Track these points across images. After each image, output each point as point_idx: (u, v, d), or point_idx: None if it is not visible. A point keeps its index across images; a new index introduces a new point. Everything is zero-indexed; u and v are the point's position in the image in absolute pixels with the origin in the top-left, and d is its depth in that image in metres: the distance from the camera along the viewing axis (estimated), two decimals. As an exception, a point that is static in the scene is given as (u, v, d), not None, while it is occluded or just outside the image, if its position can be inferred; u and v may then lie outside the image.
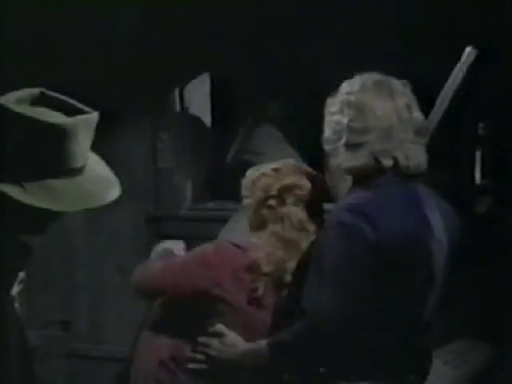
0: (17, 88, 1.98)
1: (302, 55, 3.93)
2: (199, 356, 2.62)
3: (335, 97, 2.55)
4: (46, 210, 1.86)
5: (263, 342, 2.50)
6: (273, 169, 2.76)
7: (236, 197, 3.34)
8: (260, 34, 3.95)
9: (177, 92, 4.28)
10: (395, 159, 2.44)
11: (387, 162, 2.44)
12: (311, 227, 2.68)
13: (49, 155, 1.83)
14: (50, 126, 1.83)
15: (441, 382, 3.38)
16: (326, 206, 2.74)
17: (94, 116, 1.95)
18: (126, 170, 4.25)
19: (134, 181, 4.22)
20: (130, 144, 4.26)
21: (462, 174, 3.82)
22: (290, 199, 2.70)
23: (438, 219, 2.55)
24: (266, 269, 2.62)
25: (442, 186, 3.86)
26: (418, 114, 2.53)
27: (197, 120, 4.39)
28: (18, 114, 1.79)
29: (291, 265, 2.64)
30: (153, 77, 4.12)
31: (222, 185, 4.23)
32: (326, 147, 2.55)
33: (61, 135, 1.84)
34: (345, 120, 2.46)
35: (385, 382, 2.48)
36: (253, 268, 2.61)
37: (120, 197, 4.26)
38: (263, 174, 2.76)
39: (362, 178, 2.48)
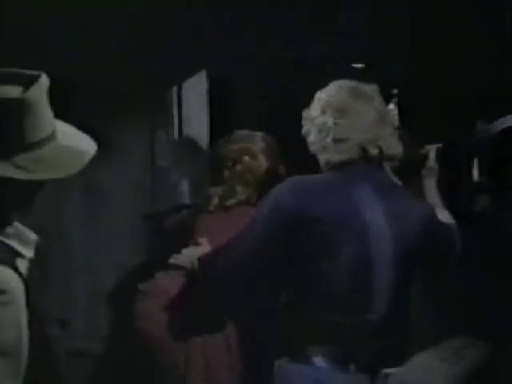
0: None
1: (300, 54, 3.94)
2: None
3: (312, 106, 2.72)
4: (35, 181, 1.89)
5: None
6: None
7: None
8: (258, 33, 3.97)
9: (174, 90, 4.29)
10: (380, 148, 2.64)
11: (373, 151, 2.63)
12: None
13: (20, 129, 1.83)
14: (12, 101, 1.82)
15: (437, 379, 3.39)
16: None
17: (44, 78, 1.91)
18: (124, 168, 4.27)
19: (132, 179, 4.23)
20: (128, 142, 4.27)
21: (460, 172, 3.83)
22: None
23: (385, 208, 2.67)
24: None
25: (440, 183, 3.90)
26: (393, 111, 2.90)
27: (194, 118, 4.39)
28: None
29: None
30: (150, 75, 4.13)
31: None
32: (313, 148, 2.72)
33: (25, 108, 1.83)
34: (330, 119, 2.64)
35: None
36: None
37: (117, 194, 4.30)
38: None
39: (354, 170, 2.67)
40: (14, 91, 1.84)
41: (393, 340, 2.66)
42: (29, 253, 2.02)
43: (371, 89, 2.72)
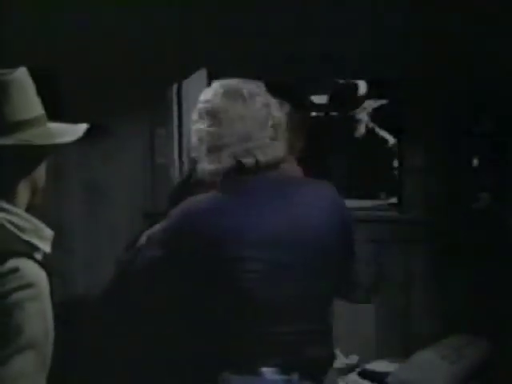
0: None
1: (300, 52, 3.94)
2: None
3: (196, 106, 2.66)
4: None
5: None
6: None
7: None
8: (258, 31, 3.96)
9: (174, 88, 4.29)
10: (255, 157, 2.53)
11: (248, 161, 2.53)
12: None
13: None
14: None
15: (438, 376, 3.39)
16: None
17: (23, 68, 2.09)
18: (124, 165, 4.27)
19: (132, 177, 4.22)
20: (128, 140, 4.26)
21: (461, 171, 3.83)
22: None
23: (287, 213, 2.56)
24: None
25: (441, 182, 3.90)
26: (276, 112, 2.61)
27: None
28: None
29: None
30: (151, 73, 4.12)
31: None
32: (193, 154, 2.64)
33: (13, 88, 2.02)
34: (203, 127, 2.56)
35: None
36: None
37: (117, 193, 4.29)
38: None
39: (231, 179, 2.56)
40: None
41: (329, 346, 2.63)
42: (47, 248, 2.08)
43: (254, 87, 2.60)
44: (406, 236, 3.90)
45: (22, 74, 2.05)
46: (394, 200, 4.20)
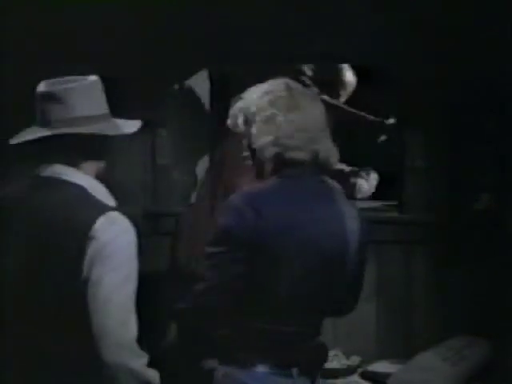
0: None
1: (301, 53, 3.93)
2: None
3: (252, 96, 2.65)
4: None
5: None
6: None
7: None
8: (259, 32, 3.96)
9: (176, 88, 4.28)
10: (316, 152, 2.56)
11: (299, 155, 2.55)
12: None
13: None
14: None
15: (440, 378, 3.39)
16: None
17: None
18: (125, 166, 4.26)
19: (132, 177, 4.21)
20: (129, 140, 4.25)
21: (462, 171, 3.83)
22: None
23: (345, 208, 2.63)
24: None
25: (441, 182, 3.90)
26: (328, 117, 2.65)
27: (195, 117, 4.38)
28: None
29: None
30: (152, 73, 4.12)
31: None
32: (258, 142, 2.61)
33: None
34: (280, 114, 2.55)
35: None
36: None
37: (118, 193, 4.28)
38: None
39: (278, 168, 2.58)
40: None
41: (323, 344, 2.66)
42: (113, 204, 2.60)
43: (309, 92, 2.73)
44: (407, 236, 3.89)
45: (95, 79, 2.66)
46: (394, 201, 4.20)
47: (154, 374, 2.46)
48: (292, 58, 3.95)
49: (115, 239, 2.43)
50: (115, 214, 2.49)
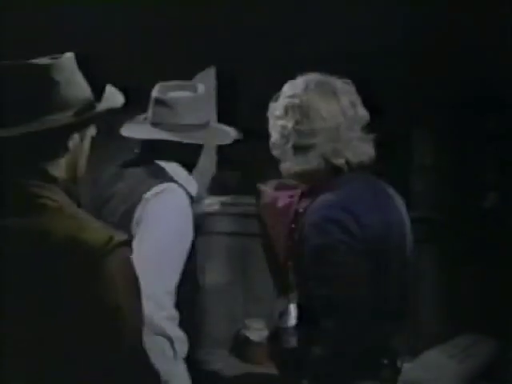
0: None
1: (307, 51, 3.94)
2: None
3: (278, 101, 2.49)
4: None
5: None
6: None
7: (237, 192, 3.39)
8: (266, 30, 3.96)
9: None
10: (346, 158, 2.43)
11: (338, 162, 2.43)
12: None
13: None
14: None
15: (446, 376, 3.40)
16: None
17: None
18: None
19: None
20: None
21: (470, 170, 3.83)
22: None
23: (399, 207, 2.56)
24: None
25: (449, 181, 3.90)
26: (362, 111, 2.49)
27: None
28: None
29: None
30: (159, 70, 4.12)
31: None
32: (274, 152, 2.50)
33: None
34: (290, 124, 2.43)
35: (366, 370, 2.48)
36: None
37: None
38: None
39: (320, 179, 2.46)
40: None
41: None
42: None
43: (342, 85, 2.48)
44: (415, 235, 3.89)
45: (203, 91, 2.84)
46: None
47: (177, 333, 2.61)
48: (300, 56, 3.96)
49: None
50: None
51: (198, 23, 3.99)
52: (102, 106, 2.22)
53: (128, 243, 2.09)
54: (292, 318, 2.66)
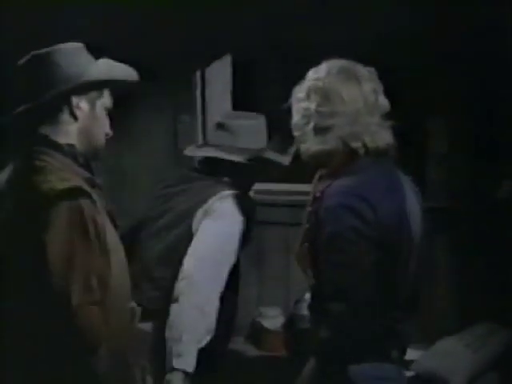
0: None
1: (325, 39, 3.92)
2: None
3: (302, 84, 2.57)
4: None
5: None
6: None
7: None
8: (282, 17, 3.95)
9: (198, 74, 4.29)
10: (363, 142, 2.48)
11: (356, 145, 2.48)
12: None
13: None
14: None
15: (462, 364, 3.39)
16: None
17: None
18: (147, 151, 4.28)
19: (155, 163, 4.23)
20: (152, 127, 4.27)
21: (485, 159, 3.81)
22: None
23: (414, 195, 2.58)
24: None
25: (465, 170, 3.89)
26: (383, 99, 2.56)
27: (217, 102, 4.39)
28: None
29: None
30: (175, 59, 4.13)
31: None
32: (296, 133, 2.59)
33: None
34: (312, 105, 2.50)
35: (375, 359, 2.49)
36: None
37: (141, 180, 4.29)
38: None
39: (337, 163, 2.52)
40: None
41: None
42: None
43: (365, 72, 2.55)
44: (430, 224, 3.88)
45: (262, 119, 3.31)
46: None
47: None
48: (315, 43, 3.94)
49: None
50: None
51: (214, 11, 3.98)
52: (93, 73, 2.38)
53: (86, 194, 2.24)
54: (307, 305, 2.70)
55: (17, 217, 2.24)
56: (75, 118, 2.38)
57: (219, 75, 4.37)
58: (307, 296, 2.69)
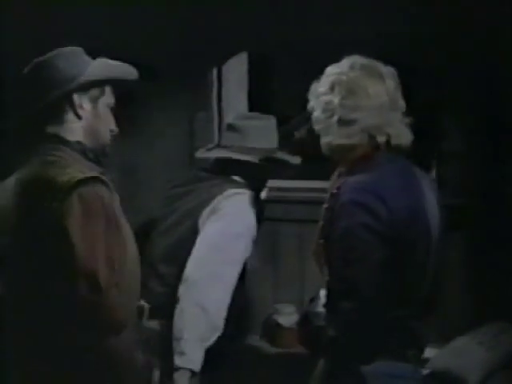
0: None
1: (340, 33, 3.92)
2: None
3: (321, 80, 2.58)
4: None
5: None
6: None
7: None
8: (298, 13, 3.95)
9: (214, 71, 4.29)
10: (388, 135, 2.49)
11: (381, 139, 2.49)
12: None
13: None
14: None
15: (475, 362, 3.39)
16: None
17: None
18: (163, 149, 4.29)
19: (170, 160, 4.24)
20: (168, 124, 4.27)
21: (500, 156, 3.80)
22: None
23: (431, 193, 2.59)
24: None
25: (479, 167, 3.88)
26: (402, 101, 2.58)
27: (233, 99, 4.39)
28: None
29: None
30: (191, 56, 4.13)
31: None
32: (317, 127, 2.58)
33: None
34: (336, 99, 2.51)
35: (389, 358, 2.49)
36: None
37: (156, 178, 4.29)
38: None
39: (356, 159, 2.53)
40: None
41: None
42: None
43: (387, 70, 2.57)
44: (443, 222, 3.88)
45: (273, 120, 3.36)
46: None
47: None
48: (332, 39, 3.94)
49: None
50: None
51: (229, 6, 3.98)
52: (89, 72, 2.48)
53: (105, 184, 2.35)
54: (322, 303, 2.70)
55: (34, 209, 2.29)
56: (79, 117, 2.49)
57: (235, 72, 4.37)
58: (322, 293, 2.70)
